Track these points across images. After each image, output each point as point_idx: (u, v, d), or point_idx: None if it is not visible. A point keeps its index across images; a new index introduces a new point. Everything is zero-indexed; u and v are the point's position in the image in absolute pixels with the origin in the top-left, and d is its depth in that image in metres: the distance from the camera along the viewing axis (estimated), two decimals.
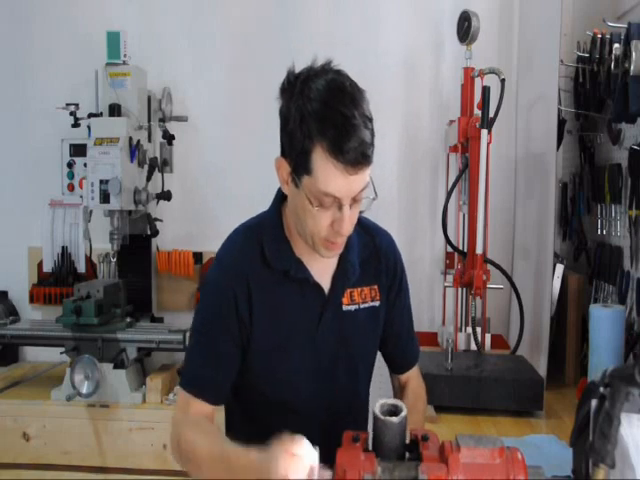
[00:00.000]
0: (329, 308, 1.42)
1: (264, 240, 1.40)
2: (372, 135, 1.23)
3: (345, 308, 1.43)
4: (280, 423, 1.38)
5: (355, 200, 1.26)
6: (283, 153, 1.31)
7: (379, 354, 1.57)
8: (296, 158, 1.25)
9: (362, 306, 1.45)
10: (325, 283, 1.42)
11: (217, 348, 1.37)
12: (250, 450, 1.13)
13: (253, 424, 1.44)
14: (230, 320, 1.36)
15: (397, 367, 1.60)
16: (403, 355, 1.59)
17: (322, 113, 1.20)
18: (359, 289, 1.45)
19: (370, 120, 1.23)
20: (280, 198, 1.43)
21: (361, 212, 1.33)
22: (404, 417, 1.05)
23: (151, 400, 2.55)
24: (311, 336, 1.41)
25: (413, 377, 1.60)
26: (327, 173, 1.21)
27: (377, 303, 1.47)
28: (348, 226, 1.28)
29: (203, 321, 1.40)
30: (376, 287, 1.47)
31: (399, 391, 1.58)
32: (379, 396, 1.15)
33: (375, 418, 1.06)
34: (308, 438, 1.19)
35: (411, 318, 1.59)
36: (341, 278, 1.43)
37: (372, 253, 1.48)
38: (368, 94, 1.27)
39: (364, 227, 1.49)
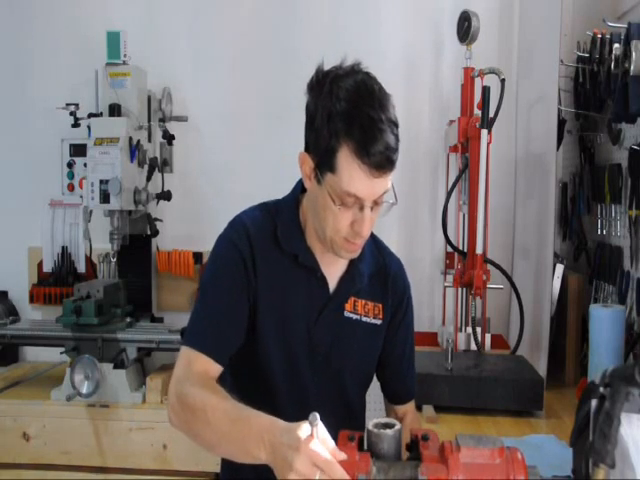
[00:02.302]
0: (330, 307, 1.42)
1: (278, 221, 1.40)
2: (397, 141, 1.24)
3: (347, 314, 1.43)
4: (272, 407, 1.38)
5: (376, 203, 1.27)
6: (307, 149, 1.31)
7: (377, 386, 1.57)
8: (321, 155, 1.26)
9: (363, 319, 1.45)
10: (331, 283, 1.42)
11: (225, 303, 1.35)
12: (273, 418, 1.09)
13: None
14: (239, 276, 1.35)
15: (395, 397, 1.59)
16: (402, 384, 1.58)
17: (350, 113, 1.21)
18: (363, 301, 1.45)
19: (396, 126, 1.24)
20: (299, 189, 1.43)
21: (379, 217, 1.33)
22: (399, 430, 1.03)
23: (151, 400, 2.54)
24: (308, 328, 1.41)
25: (410, 412, 1.59)
26: (351, 173, 1.22)
27: (379, 322, 1.47)
28: (368, 227, 1.29)
29: (212, 276, 1.39)
30: (380, 306, 1.47)
31: None
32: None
33: (369, 434, 1.03)
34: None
35: (413, 351, 1.58)
36: (348, 282, 1.43)
37: (380, 271, 1.48)
38: None
39: (377, 245, 1.50)
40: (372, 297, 1.46)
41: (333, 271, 1.43)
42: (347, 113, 1.22)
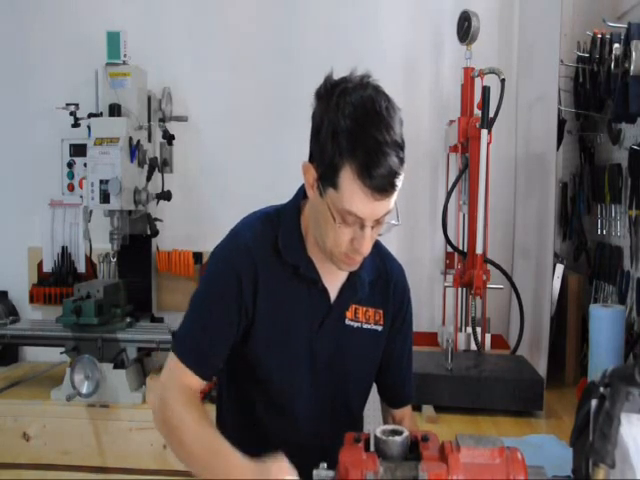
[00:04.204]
0: (332, 316, 1.41)
1: (280, 231, 1.39)
2: (402, 164, 1.22)
3: (348, 322, 1.42)
4: (273, 419, 1.39)
5: (378, 222, 1.27)
6: (311, 158, 1.29)
7: (373, 391, 1.56)
8: (324, 169, 1.24)
9: (364, 326, 1.44)
10: (332, 292, 1.42)
11: (213, 321, 1.36)
12: (241, 455, 1.17)
13: (246, 416, 1.43)
14: (230, 294, 1.35)
15: (395, 400, 1.58)
16: (401, 387, 1.57)
17: (355, 133, 1.19)
18: (364, 308, 1.44)
19: (402, 148, 1.23)
20: (301, 195, 1.41)
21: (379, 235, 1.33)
22: (407, 437, 1.04)
23: (151, 400, 2.55)
24: (310, 339, 1.40)
25: (407, 415, 1.58)
26: (353, 193, 1.21)
27: (380, 328, 1.46)
28: (368, 246, 1.28)
29: (204, 290, 1.39)
30: (381, 312, 1.46)
31: None
32: None
33: (377, 441, 1.04)
34: (297, 437, 1.21)
35: (411, 355, 1.58)
36: (349, 291, 1.42)
37: (382, 276, 1.47)
38: None
39: (378, 250, 1.48)
40: (373, 304, 1.45)
41: (334, 280, 1.41)
42: (352, 132, 1.19)
